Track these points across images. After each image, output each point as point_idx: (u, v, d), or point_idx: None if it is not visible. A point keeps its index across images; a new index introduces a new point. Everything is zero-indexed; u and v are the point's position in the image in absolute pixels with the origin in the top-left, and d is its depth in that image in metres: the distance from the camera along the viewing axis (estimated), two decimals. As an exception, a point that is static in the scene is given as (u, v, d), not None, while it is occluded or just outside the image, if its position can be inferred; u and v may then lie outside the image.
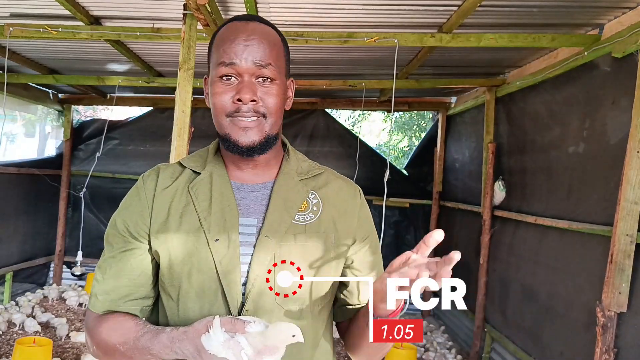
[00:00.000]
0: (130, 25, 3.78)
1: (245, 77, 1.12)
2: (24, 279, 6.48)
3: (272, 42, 1.16)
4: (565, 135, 3.68)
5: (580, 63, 3.51)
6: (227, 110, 1.13)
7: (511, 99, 4.68)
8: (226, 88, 1.13)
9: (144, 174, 1.25)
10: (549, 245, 3.82)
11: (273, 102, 1.14)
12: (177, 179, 1.21)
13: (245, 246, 1.13)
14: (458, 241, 5.85)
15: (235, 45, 1.12)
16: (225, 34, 1.15)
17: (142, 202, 1.19)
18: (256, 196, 1.20)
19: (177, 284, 1.13)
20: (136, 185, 1.23)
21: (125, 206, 1.22)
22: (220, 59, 1.13)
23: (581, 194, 3.46)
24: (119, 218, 1.20)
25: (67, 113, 6.97)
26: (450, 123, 6.38)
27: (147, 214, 1.17)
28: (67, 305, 5.91)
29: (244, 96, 1.11)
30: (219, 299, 1.10)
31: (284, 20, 3.55)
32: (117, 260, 1.18)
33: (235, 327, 0.97)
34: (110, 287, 1.17)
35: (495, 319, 4.79)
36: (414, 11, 3.34)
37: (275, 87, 1.15)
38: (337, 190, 1.25)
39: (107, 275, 1.18)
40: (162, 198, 1.18)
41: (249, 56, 1.11)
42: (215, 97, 1.14)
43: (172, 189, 1.19)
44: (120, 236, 1.19)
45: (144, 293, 1.19)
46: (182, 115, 2.83)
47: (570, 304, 3.48)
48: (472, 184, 5.45)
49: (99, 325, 1.15)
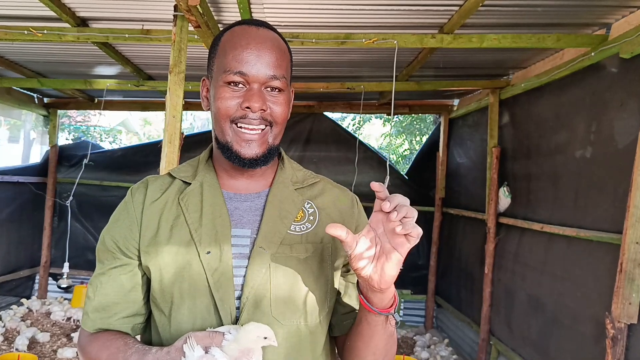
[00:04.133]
0: (119, 26, 3.79)
1: (254, 85, 1.13)
2: (8, 291, 6.45)
3: (283, 51, 1.18)
4: (572, 139, 3.69)
5: (586, 64, 3.53)
6: (231, 115, 1.14)
7: (515, 102, 4.70)
8: (233, 94, 1.14)
9: (133, 187, 1.25)
10: (556, 254, 3.82)
11: (280, 112, 1.16)
12: (167, 191, 1.22)
13: (239, 258, 1.13)
14: (462, 250, 5.86)
15: (247, 53, 1.13)
16: (235, 39, 1.16)
17: (130, 216, 1.20)
18: (250, 206, 1.20)
19: (168, 300, 1.13)
20: (125, 199, 1.24)
21: (113, 221, 1.23)
22: (229, 66, 1.13)
23: (589, 200, 3.47)
24: (107, 234, 1.21)
25: (52, 118, 6.98)
26: (453, 126, 6.40)
27: (136, 229, 1.18)
28: (53, 320, 5.89)
29: (254, 105, 1.12)
30: (211, 314, 1.11)
31: (278, 21, 3.57)
32: (107, 277, 1.19)
33: (213, 340, 0.98)
34: (100, 304, 1.18)
35: (500, 331, 4.79)
36: (414, 11, 3.36)
37: (282, 96, 1.17)
38: (334, 200, 1.26)
39: (97, 292, 1.19)
40: (151, 211, 1.19)
41: (261, 67, 1.13)
42: (220, 101, 1.14)
43: (162, 201, 1.20)
44: (110, 252, 1.19)
45: (135, 310, 1.19)
46: (172, 121, 2.83)
47: (579, 315, 3.48)
48: (476, 190, 5.46)
49: (90, 344, 1.16)
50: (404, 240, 0.97)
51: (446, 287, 6.33)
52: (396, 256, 0.98)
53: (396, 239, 0.97)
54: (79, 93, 6.37)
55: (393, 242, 0.98)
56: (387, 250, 0.99)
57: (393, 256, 0.98)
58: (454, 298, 6.09)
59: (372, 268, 1.00)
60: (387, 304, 1.07)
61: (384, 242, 0.99)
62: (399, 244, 0.98)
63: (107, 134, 16.52)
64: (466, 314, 5.64)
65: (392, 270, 0.99)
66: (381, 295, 1.05)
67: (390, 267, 0.99)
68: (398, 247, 0.98)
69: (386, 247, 0.99)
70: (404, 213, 0.94)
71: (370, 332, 1.12)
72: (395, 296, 1.09)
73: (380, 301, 1.06)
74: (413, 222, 0.95)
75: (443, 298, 6.39)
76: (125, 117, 19.81)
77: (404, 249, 0.98)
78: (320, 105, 6.67)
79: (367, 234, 1.01)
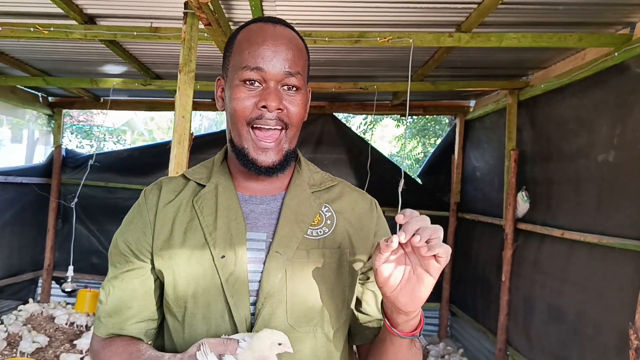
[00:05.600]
0: (127, 24, 3.82)
1: (271, 83, 1.13)
2: (10, 295, 6.49)
3: (300, 49, 1.18)
4: (594, 142, 3.67)
5: (609, 64, 3.50)
6: (248, 117, 1.13)
7: (535, 103, 4.67)
8: (249, 93, 1.13)
9: (146, 189, 1.26)
10: (577, 262, 3.80)
11: (296, 112, 1.15)
12: (181, 193, 1.22)
13: (254, 263, 1.13)
14: (478, 256, 5.83)
15: (263, 49, 1.12)
16: (250, 36, 1.16)
17: (143, 218, 1.20)
18: (265, 209, 1.20)
19: (182, 305, 1.13)
20: (138, 201, 1.24)
21: (126, 223, 1.23)
22: (245, 62, 1.13)
23: (612, 205, 3.44)
24: (120, 237, 1.21)
25: (57, 117, 7.04)
26: (469, 128, 6.38)
27: (149, 231, 1.18)
28: (56, 324, 5.92)
29: (270, 103, 1.11)
30: (226, 320, 1.11)
31: (290, 19, 3.57)
32: (119, 281, 1.20)
33: (227, 347, 0.98)
34: (113, 309, 1.19)
35: (518, 341, 4.75)
36: (431, 9, 3.36)
37: (299, 96, 1.16)
38: (352, 204, 1.26)
39: (110, 297, 1.19)
40: (164, 213, 1.19)
41: (277, 62, 1.12)
42: (237, 102, 1.14)
43: (176, 203, 1.20)
44: (122, 256, 1.20)
45: (148, 315, 1.20)
46: (182, 121, 2.84)
47: (601, 326, 3.45)
48: (493, 194, 5.44)
49: (102, 350, 1.17)
50: (434, 262, 0.95)
51: (461, 295, 6.30)
52: (428, 279, 0.97)
53: (425, 260, 0.96)
54: (84, 92, 6.43)
55: (423, 264, 0.97)
56: (418, 272, 0.97)
57: (425, 278, 0.97)
58: (469, 306, 6.06)
59: (401, 290, 0.99)
60: (413, 327, 1.06)
61: (415, 265, 0.98)
62: (429, 266, 0.96)
63: (111, 134, 16.62)
64: (482, 323, 5.61)
65: (424, 293, 0.98)
66: (407, 318, 1.04)
67: (422, 290, 0.98)
68: (429, 269, 0.96)
69: (417, 269, 0.98)
70: (427, 236, 0.91)
71: (394, 351, 1.11)
72: (422, 318, 1.07)
73: (406, 324, 1.05)
74: (439, 242, 0.92)
75: (458, 306, 6.36)
76: (130, 117, 19.95)
77: (435, 271, 0.96)
78: (331, 105, 6.67)
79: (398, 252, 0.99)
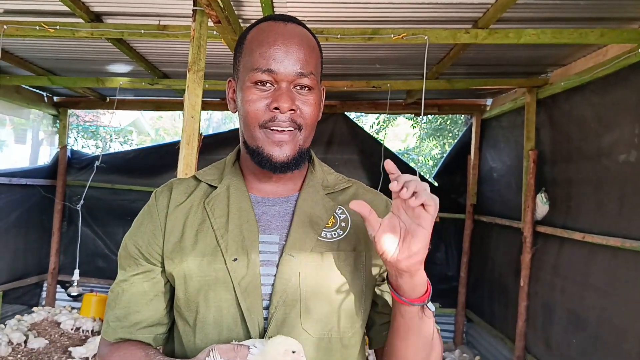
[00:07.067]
0: (134, 22, 3.85)
1: (283, 84, 1.13)
2: (15, 299, 6.53)
3: (312, 47, 1.18)
4: (616, 141, 3.65)
5: (632, 61, 3.48)
6: (261, 120, 1.14)
7: (554, 102, 4.65)
8: (261, 95, 1.14)
9: (157, 190, 1.27)
10: (599, 266, 3.78)
11: (310, 113, 1.16)
12: (192, 194, 1.23)
13: (267, 266, 1.14)
14: (495, 260, 5.81)
15: (275, 50, 1.13)
16: (261, 35, 1.16)
17: (154, 220, 1.21)
18: (278, 211, 1.21)
19: (193, 309, 1.14)
20: (148, 203, 1.26)
21: (136, 226, 1.24)
22: (257, 64, 1.13)
23: (635, 207, 3.42)
24: (129, 239, 1.22)
25: (62, 117, 7.10)
26: (486, 128, 6.36)
27: (160, 234, 1.19)
28: (62, 329, 5.97)
29: (283, 105, 1.11)
30: (238, 325, 1.11)
31: (302, 16, 3.59)
32: (129, 284, 1.21)
33: (237, 354, 0.98)
34: (122, 313, 1.20)
35: (537, 348, 4.73)
36: (446, 5, 3.36)
37: (313, 96, 1.17)
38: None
39: (119, 300, 1.20)
40: (175, 215, 1.20)
41: (289, 63, 1.13)
42: (249, 105, 1.14)
43: (187, 205, 1.21)
44: (132, 258, 1.21)
45: (157, 319, 1.21)
46: (191, 121, 2.86)
47: (624, 332, 3.43)
48: (511, 196, 5.41)
49: (110, 355, 1.18)
50: (423, 212, 0.97)
51: (478, 300, 6.27)
52: (421, 231, 0.99)
53: (415, 213, 0.98)
54: (90, 91, 6.48)
55: (415, 219, 0.99)
56: (412, 229, 0.99)
57: (418, 231, 0.99)
58: (486, 312, 6.03)
59: (399, 249, 1.00)
60: (420, 292, 1.06)
61: (409, 224, 1.00)
62: (420, 217, 0.98)
63: (117, 134, 16.71)
64: (500, 330, 5.58)
65: (419, 243, 0.99)
66: (411, 280, 1.04)
67: (416, 242, 0.99)
68: (420, 221, 0.98)
69: (411, 227, 1.00)
70: (413, 188, 0.95)
71: (405, 326, 1.11)
72: (429, 285, 1.08)
73: (412, 289, 1.05)
74: (426, 193, 0.96)
75: (474, 312, 6.33)
76: (136, 117, 20.03)
77: (427, 222, 0.98)
78: (343, 105, 6.67)
79: (391, 219, 1.02)
